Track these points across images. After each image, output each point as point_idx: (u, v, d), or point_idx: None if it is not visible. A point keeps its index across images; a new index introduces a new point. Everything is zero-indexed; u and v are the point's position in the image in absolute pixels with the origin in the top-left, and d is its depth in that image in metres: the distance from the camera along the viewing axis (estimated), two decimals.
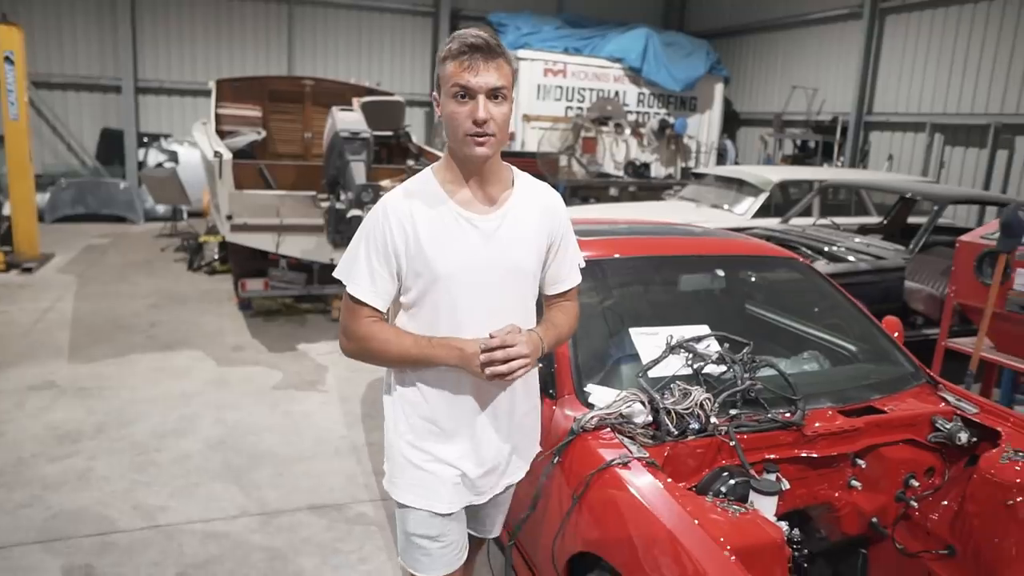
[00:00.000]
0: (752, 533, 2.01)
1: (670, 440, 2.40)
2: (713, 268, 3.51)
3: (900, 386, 3.04)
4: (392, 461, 2.04)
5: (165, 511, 3.60)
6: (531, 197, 2.01)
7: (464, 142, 1.81)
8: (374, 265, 1.88)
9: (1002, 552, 2.55)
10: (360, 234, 1.93)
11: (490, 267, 1.91)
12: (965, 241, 5.11)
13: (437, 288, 1.89)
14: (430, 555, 2.02)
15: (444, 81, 1.80)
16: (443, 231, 1.88)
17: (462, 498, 2.02)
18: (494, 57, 1.78)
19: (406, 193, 1.92)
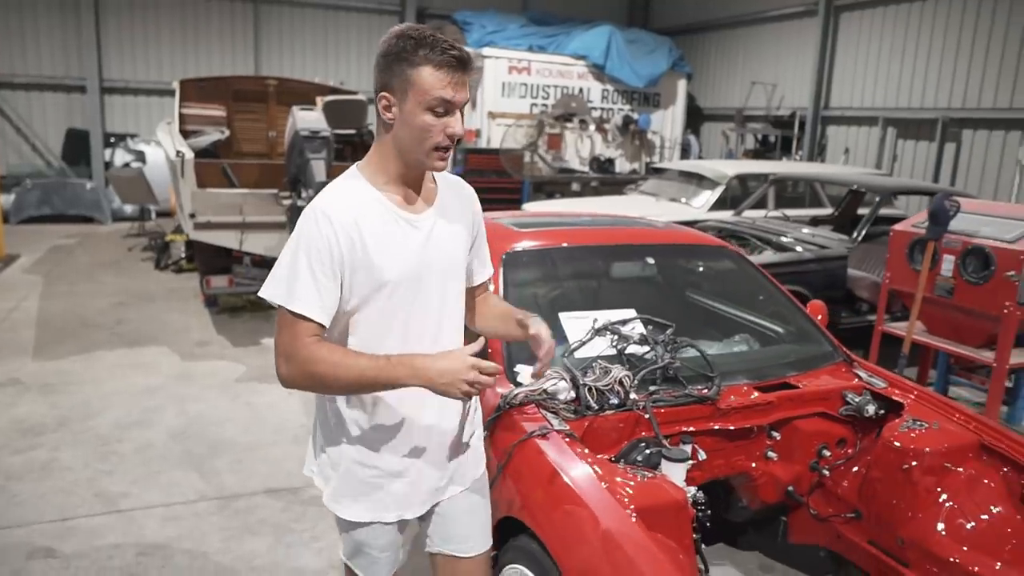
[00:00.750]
0: (656, 494, 2.21)
1: (590, 414, 2.60)
2: (646, 256, 3.72)
3: (816, 364, 3.27)
4: (336, 478, 1.92)
5: (127, 497, 3.74)
6: (452, 190, 1.99)
7: (430, 155, 1.74)
8: (319, 277, 1.71)
9: (900, 512, 2.78)
10: (295, 246, 1.74)
11: (431, 266, 1.86)
12: (898, 230, 5.36)
13: (382, 294, 1.79)
14: (380, 562, 2.00)
15: (419, 89, 1.68)
16: (386, 235, 1.78)
17: (412, 508, 1.96)
18: (470, 71, 1.74)
19: (342, 196, 1.79)
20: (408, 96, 1.69)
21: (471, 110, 12.79)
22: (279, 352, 1.76)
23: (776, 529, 3.29)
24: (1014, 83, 9.32)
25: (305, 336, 1.73)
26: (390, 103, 1.72)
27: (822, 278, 6.20)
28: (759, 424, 2.92)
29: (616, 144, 13.01)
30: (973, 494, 2.73)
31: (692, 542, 2.31)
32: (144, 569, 3.18)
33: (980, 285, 4.74)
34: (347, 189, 1.81)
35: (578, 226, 3.93)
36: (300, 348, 1.72)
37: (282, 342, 1.75)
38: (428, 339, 1.87)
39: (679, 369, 2.86)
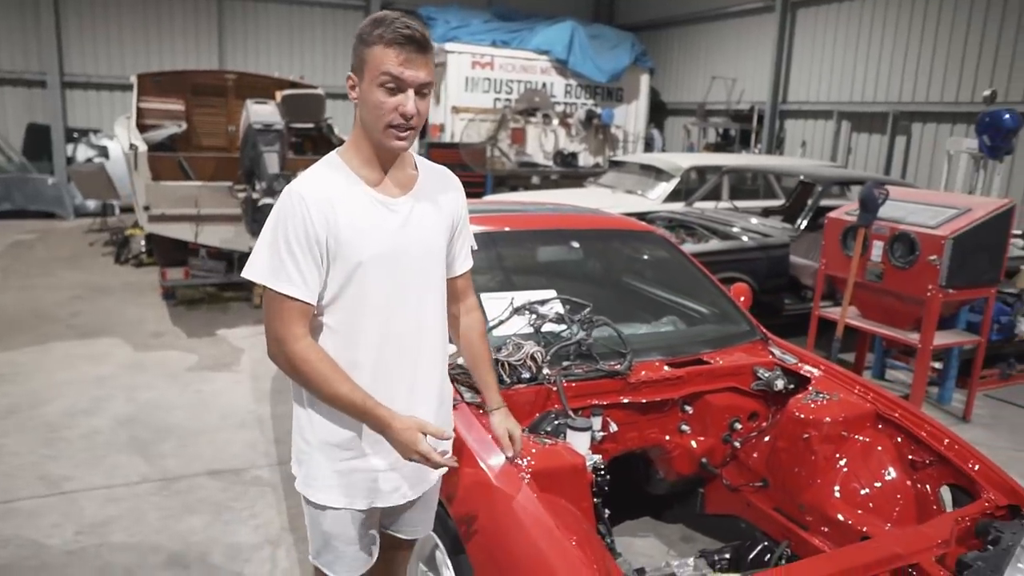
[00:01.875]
0: (553, 459, 2.34)
1: (502, 388, 2.72)
2: (575, 240, 3.87)
3: (732, 342, 3.42)
4: (308, 463, 1.95)
5: (70, 480, 3.82)
6: (435, 179, 2.01)
7: (386, 134, 1.77)
8: (298, 256, 1.76)
9: (801, 479, 2.94)
10: (273, 226, 1.79)
11: (407, 250, 1.88)
12: (832, 217, 5.56)
13: (358, 275, 1.82)
14: (346, 556, 2.00)
15: (371, 67, 1.73)
16: (362, 216, 1.82)
17: (382, 496, 1.97)
18: (427, 52, 1.76)
19: (318, 178, 1.83)
20: (364, 74, 1.75)
21: (435, 105, 12.89)
22: (268, 333, 1.81)
23: (694, 501, 3.45)
24: (959, 79, 9.59)
25: (295, 314, 1.77)
26: (354, 83, 1.78)
27: (765, 265, 6.38)
28: (670, 398, 3.06)
29: (580, 138, 13.15)
30: (868, 461, 2.90)
31: (591, 505, 2.45)
32: (82, 547, 3.26)
33: (906, 269, 4.95)
34: (323, 171, 1.86)
35: (513, 212, 4.06)
36: (291, 339, 1.77)
37: (271, 324, 1.80)
38: (412, 323, 1.91)
39: (592, 345, 3.00)
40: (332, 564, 2.01)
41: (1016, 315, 5.75)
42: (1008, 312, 5.72)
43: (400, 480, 1.97)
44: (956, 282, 4.81)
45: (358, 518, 1.97)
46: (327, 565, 2.02)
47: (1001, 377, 6.06)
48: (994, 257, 4.98)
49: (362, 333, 1.85)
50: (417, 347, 1.94)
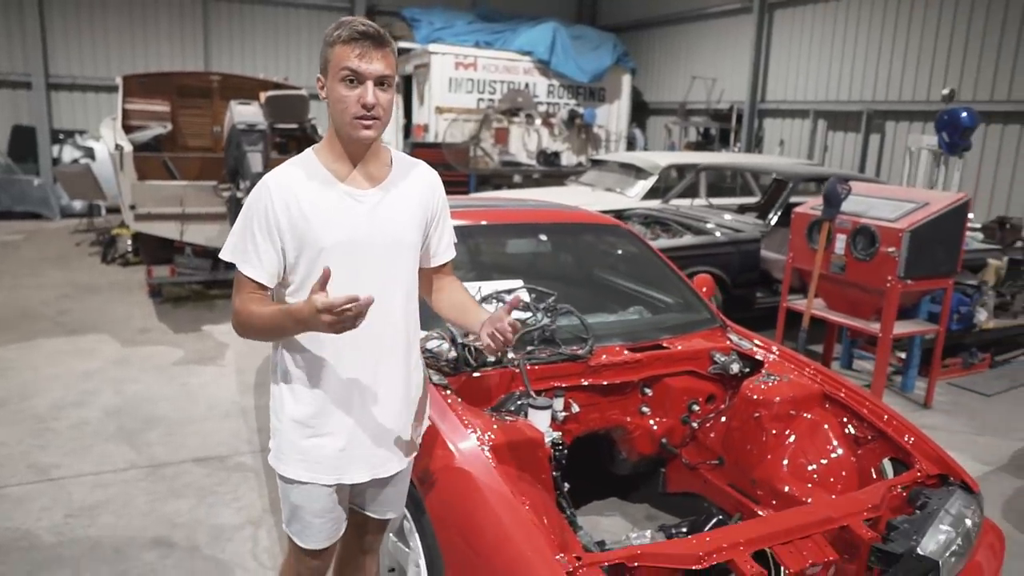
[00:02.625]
0: (512, 433, 2.51)
1: (468, 371, 2.90)
2: (544, 233, 4.04)
3: (691, 329, 3.61)
4: (279, 437, 2.06)
5: (59, 467, 3.96)
6: (410, 174, 2.10)
7: (352, 125, 1.87)
8: (258, 240, 1.90)
9: (752, 456, 3.13)
10: (244, 212, 1.94)
11: (373, 240, 1.96)
12: (798, 212, 5.75)
13: (321, 261, 1.88)
14: (313, 527, 2.10)
15: (333, 65, 1.85)
16: (327, 205, 1.92)
17: (349, 472, 2.05)
18: (383, 46, 1.86)
19: (288, 170, 1.96)
20: (329, 73, 1.87)
21: (419, 105, 13.05)
22: (232, 307, 1.96)
23: (657, 480, 3.63)
24: (930, 78, 9.83)
25: (246, 292, 1.91)
26: (322, 83, 1.91)
27: (737, 260, 6.58)
28: (630, 380, 3.24)
29: (562, 138, 13.34)
30: (814, 437, 3.08)
31: (551, 477, 2.63)
32: (71, 528, 3.41)
33: (867, 261, 5.14)
34: (295, 164, 1.98)
35: (484, 208, 4.22)
36: (238, 303, 1.92)
37: (234, 299, 1.95)
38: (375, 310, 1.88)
39: (556, 331, 3.18)
40: (300, 533, 2.12)
41: (975, 306, 5.95)
42: (967, 303, 5.93)
43: (365, 459, 2.05)
44: (914, 273, 5.00)
45: (324, 492, 2.06)
46: (296, 534, 2.13)
47: (964, 366, 6.27)
48: (950, 249, 5.18)
49: None
50: (380, 334, 2.00)
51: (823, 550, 2.27)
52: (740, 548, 2.16)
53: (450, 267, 2.29)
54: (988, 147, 9.27)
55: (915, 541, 2.34)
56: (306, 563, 2.19)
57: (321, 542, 2.14)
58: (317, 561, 2.19)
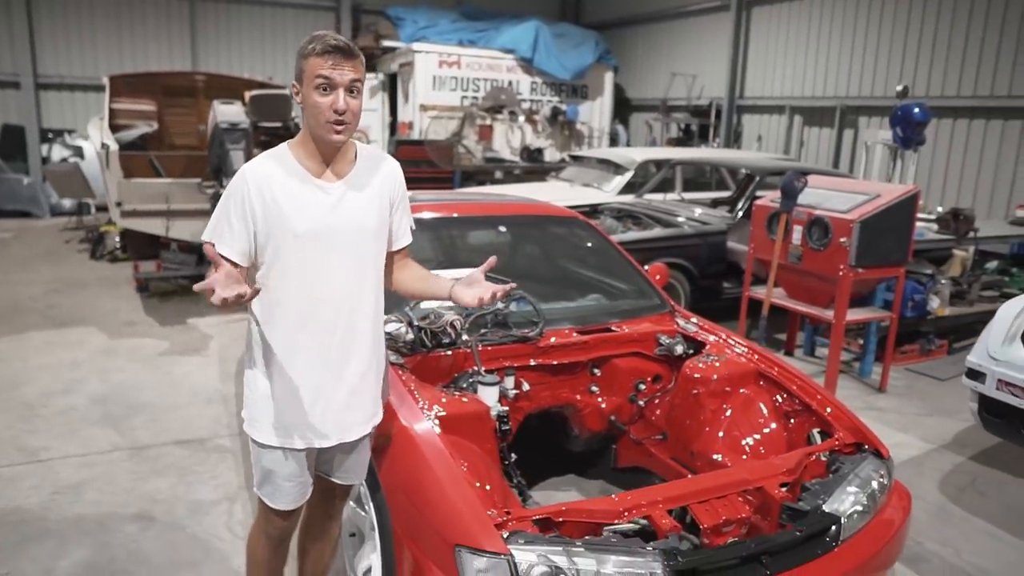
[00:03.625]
0: (459, 407, 2.74)
1: (424, 351, 3.13)
2: (505, 225, 4.27)
3: (640, 313, 3.84)
4: (253, 406, 2.25)
5: (47, 450, 4.18)
6: (372, 165, 2.30)
7: (325, 128, 2.07)
8: (233, 222, 2.09)
9: (691, 430, 3.37)
10: (223, 197, 2.16)
11: (340, 228, 2.17)
12: (759, 204, 6.00)
13: (292, 247, 2.12)
14: (283, 490, 2.30)
15: (308, 75, 2.05)
16: (299, 194, 2.13)
17: (319, 438, 2.24)
18: (353, 58, 2.07)
19: (264, 162, 2.16)
20: (304, 81, 2.08)
21: (403, 103, 13.26)
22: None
23: (608, 456, 3.86)
24: (900, 74, 10.08)
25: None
26: (297, 90, 2.12)
27: (703, 251, 6.82)
28: (578, 361, 3.48)
29: (546, 135, 13.57)
30: (748, 412, 3.32)
31: (496, 447, 2.87)
32: (57, 504, 3.63)
33: (821, 251, 5.39)
34: (270, 157, 2.19)
35: (451, 201, 4.45)
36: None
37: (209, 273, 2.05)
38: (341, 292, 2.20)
39: (509, 315, 3.41)
40: (271, 495, 2.32)
41: (928, 294, 6.20)
42: (921, 291, 6.18)
43: (332, 426, 2.26)
44: (864, 262, 5.25)
45: (294, 457, 2.26)
46: (267, 496, 2.32)
47: (921, 352, 6.52)
48: (901, 239, 5.42)
49: (294, 299, 2.16)
50: (348, 313, 2.22)
51: (737, 508, 2.51)
52: (659, 505, 2.40)
53: (407, 251, 2.48)
54: (943, 141, 9.55)
55: (822, 500, 2.58)
56: (275, 523, 2.39)
57: (290, 503, 2.33)
58: (285, 522, 2.40)
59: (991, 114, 9.12)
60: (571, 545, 2.14)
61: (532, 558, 2.08)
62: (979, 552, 3.64)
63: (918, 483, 4.31)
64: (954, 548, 3.65)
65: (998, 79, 8.97)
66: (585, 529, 2.33)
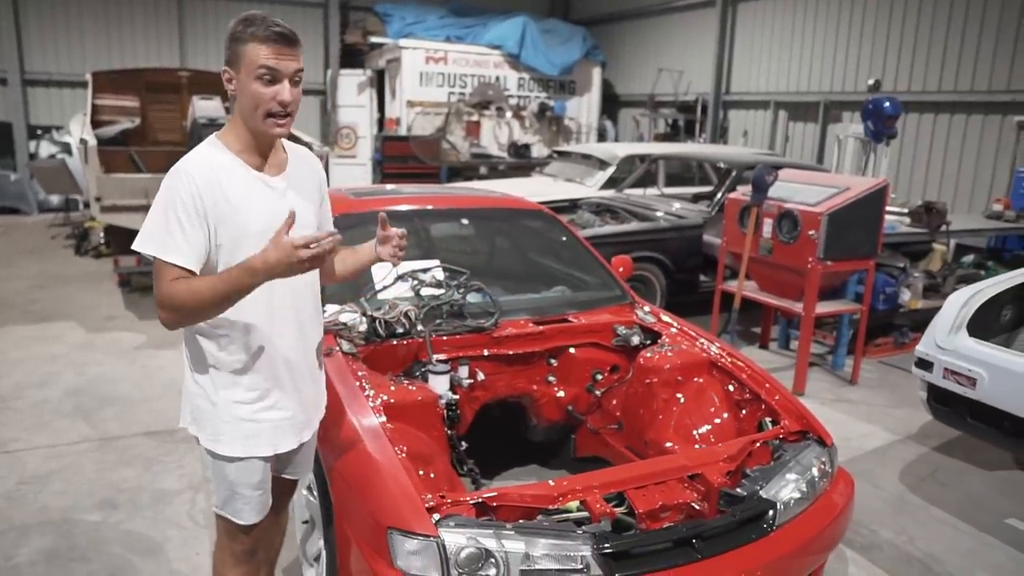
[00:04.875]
0: (406, 395, 2.79)
1: (378, 341, 3.18)
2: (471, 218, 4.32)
3: (599, 304, 3.88)
4: (214, 420, 2.11)
5: (16, 441, 4.23)
6: (301, 160, 2.23)
7: (266, 123, 1.96)
8: (186, 227, 1.90)
9: (644, 419, 3.42)
10: (164, 202, 1.93)
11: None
12: (731, 198, 6.04)
13: (246, 247, 1.93)
14: (251, 503, 2.18)
15: (248, 62, 1.91)
16: (247, 192, 2.01)
17: (282, 441, 2.18)
18: (296, 45, 1.96)
19: (203, 159, 1.99)
20: (241, 68, 1.93)
21: (391, 99, 13.29)
22: (157, 301, 1.92)
23: (569, 445, 3.91)
24: (883, 69, 10.12)
25: (170, 281, 1.89)
26: (231, 76, 1.97)
27: (680, 245, 6.87)
28: (534, 351, 3.52)
29: (533, 130, 13.61)
30: (700, 401, 3.37)
31: (444, 434, 2.92)
32: (23, 493, 3.68)
33: (791, 244, 5.44)
34: (206, 153, 2.03)
35: (414, 195, 4.49)
36: (163, 292, 1.89)
37: (158, 291, 1.91)
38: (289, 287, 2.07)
39: (465, 306, 3.46)
40: (240, 512, 2.18)
41: (900, 286, 6.25)
42: (893, 284, 6.23)
43: (294, 427, 2.19)
44: (832, 254, 5.29)
45: (260, 465, 2.16)
46: (235, 513, 2.18)
47: (895, 345, 6.58)
48: (870, 232, 5.46)
49: (253, 300, 1.98)
50: (296, 306, 2.15)
51: (674, 494, 2.55)
52: (594, 491, 2.44)
53: None
54: (924, 136, 9.60)
55: (760, 486, 2.63)
56: (242, 541, 2.26)
57: (257, 515, 2.22)
58: (252, 537, 2.27)
59: (971, 109, 9.16)
60: (502, 528, 2.18)
61: (462, 540, 2.13)
62: (933, 540, 3.69)
63: (880, 473, 4.37)
64: (908, 536, 3.71)
65: (978, 74, 9.01)
66: (522, 514, 2.38)
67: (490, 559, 2.12)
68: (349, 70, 13.82)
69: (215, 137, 2.08)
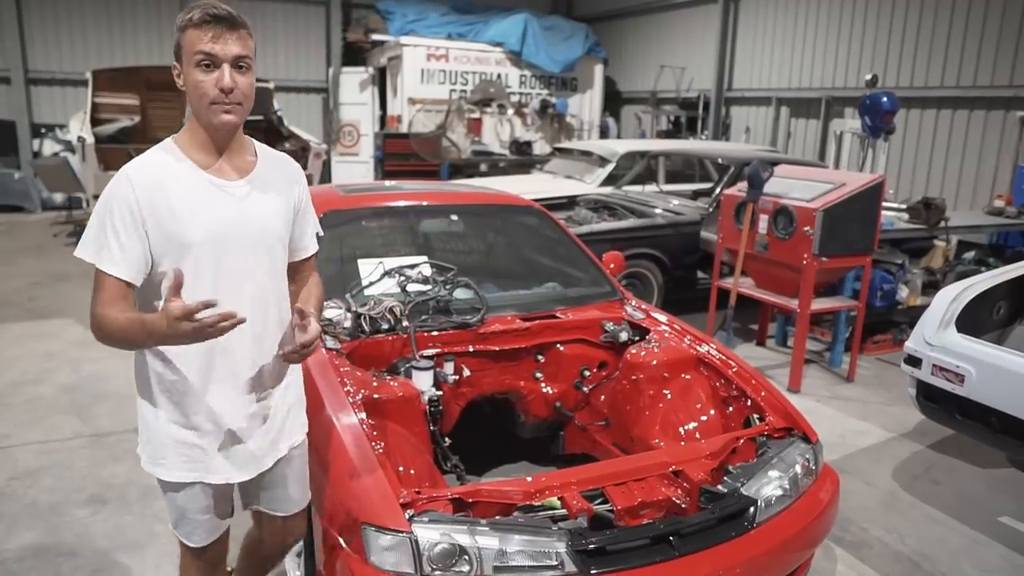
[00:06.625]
0: (388, 391, 2.79)
1: (363, 337, 3.18)
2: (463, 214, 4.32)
3: (588, 300, 3.87)
4: (154, 442, 2.00)
5: (8, 437, 4.25)
6: (275, 165, 2.07)
7: (211, 111, 1.82)
8: (122, 237, 1.80)
9: (631, 416, 3.41)
10: (103, 207, 1.83)
11: (242, 233, 1.92)
12: (727, 194, 6.02)
13: (189, 256, 1.84)
14: (201, 525, 2.10)
15: (187, 50, 1.81)
16: (193, 197, 1.86)
17: (232, 469, 2.03)
18: (237, 28, 1.82)
19: (150, 162, 1.88)
20: (183, 59, 1.83)
21: (392, 97, 13.29)
22: (91, 311, 1.83)
23: (558, 442, 3.90)
24: (885, 65, 10.06)
25: (109, 294, 1.79)
26: (178, 71, 1.86)
27: (677, 242, 6.85)
28: (521, 347, 3.51)
29: (535, 128, 13.58)
30: (686, 397, 3.36)
31: (426, 430, 2.91)
32: (13, 489, 3.70)
33: (786, 240, 5.41)
34: (154, 155, 1.90)
35: (405, 191, 4.48)
36: (97, 307, 1.80)
37: (93, 301, 1.83)
38: (247, 303, 1.89)
39: (451, 302, 3.45)
40: (190, 535, 2.11)
41: (898, 283, 6.21)
42: (891, 280, 6.19)
43: (247, 451, 2.04)
44: (828, 251, 5.26)
45: (209, 491, 2.05)
46: (186, 536, 2.11)
47: (894, 342, 6.54)
48: (866, 228, 5.43)
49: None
50: (252, 328, 1.94)
51: (654, 491, 2.54)
52: (572, 487, 2.43)
53: (312, 263, 2.26)
54: (927, 131, 9.54)
55: (742, 483, 2.62)
56: (198, 564, 2.19)
57: (211, 536, 2.15)
58: (208, 559, 2.20)
59: (974, 104, 9.10)
60: (476, 524, 2.18)
61: (435, 536, 2.12)
62: (924, 538, 3.67)
63: (873, 471, 4.35)
64: (899, 534, 3.69)
65: (981, 69, 8.95)
66: (499, 510, 2.37)
67: (464, 555, 2.12)
68: (351, 68, 13.84)
69: (170, 139, 1.95)
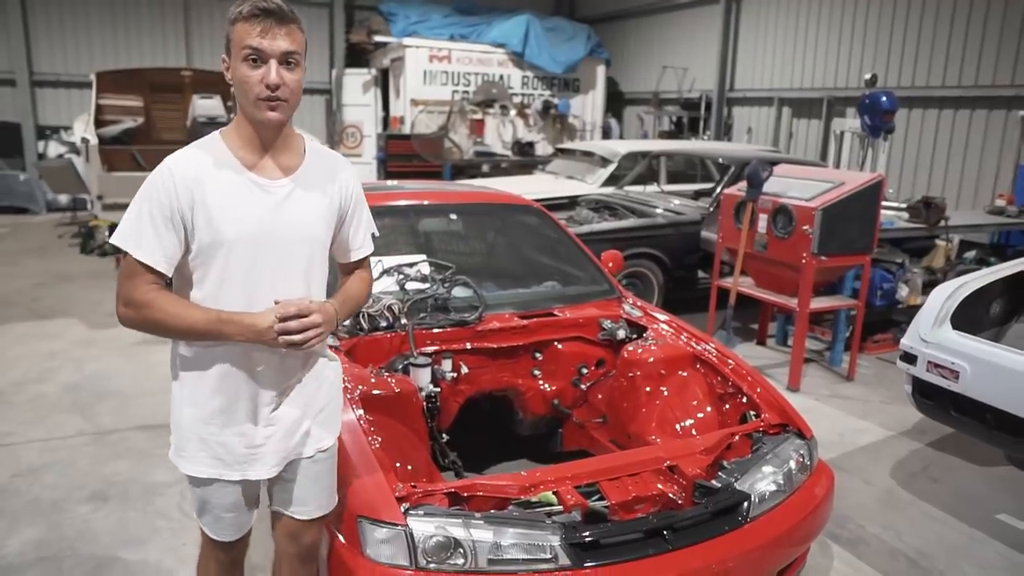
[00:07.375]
0: (386, 387, 2.82)
1: (361, 334, 3.21)
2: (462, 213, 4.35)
3: (586, 299, 3.90)
4: (179, 433, 2.00)
5: (11, 435, 4.29)
6: (323, 165, 2.01)
7: (257, 106, 1.79)
8: (159, 227, 1.79)
9: (628, 413, 3.43)
10: (142, 196, 1.83)
11: (280, 233, 1.89)
12: (726, 194, 6.04)
13: (224, 254, 1.84)
14: (223, 521, 2.09)
15: (235, 44, 1.78)
16: (232, 195, 1.84)
17: (255, 469, 2.00)
18: (287, 22, 1.78)
19: (193, 155, 1.86)
20: (232, 53, 1.80)
21: (395, 98, 13.33)
22: (119, 296, 1.84)
23: (556, 439, 3.92)
24: (887, 65, 10.08)
25: (145, 282, 1.81)
26: (227, 64, 1.82)
27: (677, 242, 6.87)
28: (519, 345, 3.54)
29: (537, 128, 13.61)
30: (683, 394, 3.38)
31: (424, 426, 2.94)
32: (16, 486, 3.73)
33: (786, 239, 5.42)
34: (200, 149, 1.88)
35: (405, 191, 4.51)
36: (140, 294, 1.80)
37: (123, 287, 1.83)
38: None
39: (449, 300, 3.48)
40: (211, 525, 2.11)
41: (898, 282, 6.22)
42: (891, 280, 6.20)
43: (269, 451, 2.00)
44: (827, 250, 5.27)
45: (231, 488, 2.03)
46: (207, 526, 2.12)
47: (894, 341, 6.53)
48: (865, 227, 5.43)
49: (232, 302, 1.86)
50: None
51: (648, 486, 2.56)
52: (566, 482, 2.46)
53: (367, 264, 2.22)
54: (928, 131, 9.54)
55: (736, 478, 2.63)
56: (217, 556, 2.19)
57: (232, 535, 2.14)
58: (229, 554, 2.20)
59: (976, 103, 9.11)
60: (470, 517, 2.20)
61: (430, 529, 2.15)
62: (922, 536, 3.68)
63: (871, 469, 4.36)
64: (897, 532, 3.70)
65: (982, 69, 8.96)
66: (494, 504, 2.40)
67: (458, 548, 2.14)
68: (354, 69, 13.89)
69: (218, 133, 1.94)
